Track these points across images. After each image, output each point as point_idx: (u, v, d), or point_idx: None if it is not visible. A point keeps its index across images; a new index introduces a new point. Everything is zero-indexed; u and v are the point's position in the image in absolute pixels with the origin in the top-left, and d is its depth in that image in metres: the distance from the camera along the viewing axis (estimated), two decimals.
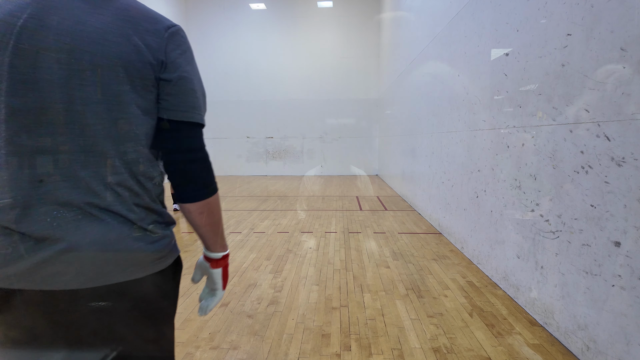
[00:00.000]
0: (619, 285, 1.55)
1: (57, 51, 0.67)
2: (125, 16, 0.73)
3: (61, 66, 0.67)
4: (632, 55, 1.48)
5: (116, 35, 0.71)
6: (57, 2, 0.69)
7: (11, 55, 0.66)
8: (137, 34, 0.73)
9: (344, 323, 2.19)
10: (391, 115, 8.53)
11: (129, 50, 0.71)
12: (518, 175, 2.41)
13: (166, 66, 0.76)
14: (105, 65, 0.69)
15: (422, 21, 5.43)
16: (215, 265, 0.91)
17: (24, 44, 0.66)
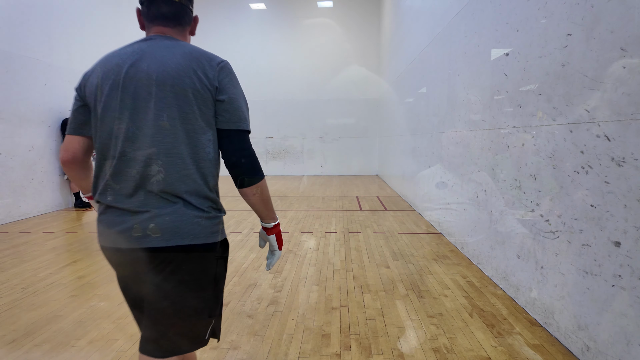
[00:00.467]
0: (619, 286, 1.55)
1: (148, 85, 1.00)
2: (190, 57, 1.05)
3: (151, 96, 1.00)
4: (632, 55, 1.48)
5: (185, 70, 1.02)
6: (147, 52, 1.03)
7: (121, 92, 1.01)
8: (199, 68, 1.04)
9: (344, 323, 2.19)
10: (391, 115, 8.53)
11: (194, 81, 1.02)
12: (518, 175, 2.41)
13: (219, 90, 1.06)
14: (179, 92, 1.01)
15: (422, 21, 5.43)
16: (270, 232, 1.23)
17: (127, 83, 1.00)
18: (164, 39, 1.09)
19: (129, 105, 1.00)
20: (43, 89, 5.63)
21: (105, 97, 1.02)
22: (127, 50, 1.05)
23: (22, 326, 2.16)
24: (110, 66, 1.03)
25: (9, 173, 5.03)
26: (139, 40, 1.08)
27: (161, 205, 1.02)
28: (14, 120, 5.12)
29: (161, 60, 1.02)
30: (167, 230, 1.01)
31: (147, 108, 1.00)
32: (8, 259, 3.40)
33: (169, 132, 1.01)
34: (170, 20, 1.13)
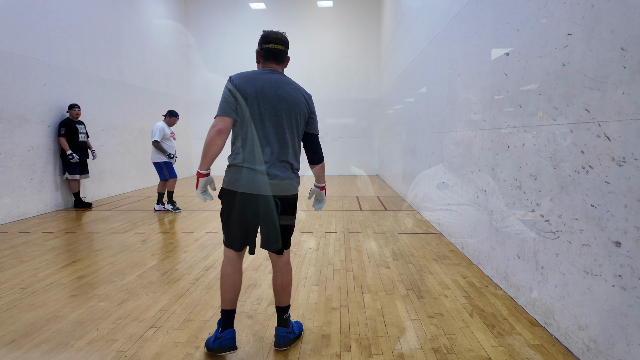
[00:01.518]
0: (619, 286, 1.55)
1: (280, 105, 1.77)
2: (298, 89, 1.86)
3: (282, 111, 1.78)
4: (632, 55, 1.48)
5: (297, 97, 1.83)
6: (278, 83, 1.79)
7: (269, 106, 1.76)
8: (303, 97, 1.87)
9: (344, 323, 2.18)
10: (391, 115, 8.52)
11: (301, 104, 1.84)
12: (518, 175, 2.41)
13: (310, 111, 1.90)
14: (295, 110, 1.81)
15: (422, 21, 5.42)
16: (322, 189, 2.08)
17: (270, 102, 1.76)
18: (281, 74, 1.86)
19: (271, 115, 1.76)
20: (43, 89, 5.63)
21: (250, 104, 1.74)
22: (265, 77, 1.78)
23: (22, 326, 2.16)
24: (256, 84, 1.75)
25: (9, 173, 5.02)
26: (267, 71, 1.82)
27: (281, 170, 1.81)
28: (14, 120, 5.11)
29: (285, 89, 1.80)
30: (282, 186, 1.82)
31: (280, 118, 1.77)
32: (7, 259, 3.40)
33: (286, 132, 1.80)
34: (279, 60, 1.89)
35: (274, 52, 1.82)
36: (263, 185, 1.73)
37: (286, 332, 1.91)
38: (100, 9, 7.22)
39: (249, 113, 1.72)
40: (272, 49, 1.82)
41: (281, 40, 1.83)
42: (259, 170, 1.73)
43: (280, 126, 1.75)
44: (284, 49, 1.85)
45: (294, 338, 1.95)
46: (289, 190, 1.81)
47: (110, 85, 7.42)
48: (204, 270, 3.08)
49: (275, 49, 1.82)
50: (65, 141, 5.73)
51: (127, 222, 4.94)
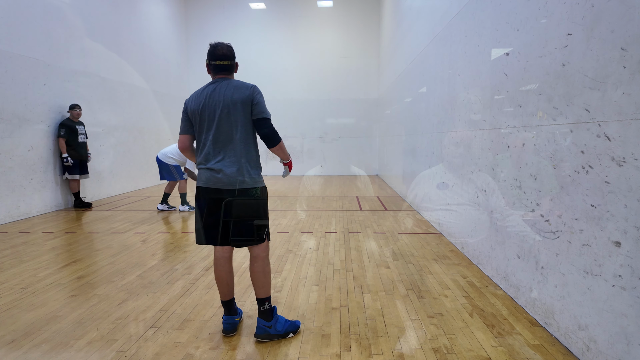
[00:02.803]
0: (619, 286, 1.55)
1: (218, 108, 1.94)
2: (236, 86, 1.96)
3: (222, 113, 1.93)
4: (632, 55, 1.48)
5: (233, 94, 1.93)
6: (215, 90, 1.96)
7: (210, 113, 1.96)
8: (240, 90, 1.95)
9: (344, 323, 2.18)
10: (391, 115, 8.52)
11: (238, 98, 1.93)
12: (518, 175, 2.41)
13: (251, 99, 1.96)
14: (232, 106, 1.93)
15: (422, 21, 5.42)
16: (285, 165, 2.24)
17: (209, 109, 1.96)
18: (223, 80, 1.98)
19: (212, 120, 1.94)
20: (42, 89, 5.63)
21: (199, 117, 1.97)
22: (206, 90, 1.97)
23: (22, 326, 2.16)
24: (199, 100, 1.97)
25: (9, 173, 5.02)
26: (211, 82, 2.00)
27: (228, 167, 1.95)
28: (14, 120, 5.11)
29: (225, 94, 1.93)
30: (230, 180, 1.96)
31: (221, 120, 1.93)
32: (7, 259, 3.40)
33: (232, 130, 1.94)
34: (225, 72, 2.03)
35: (220, 67, 2.00)
36: (213, 179, 1.94)
37: (265, 324, 2.00)
38: (100, 9, 7.21)
39: (198, 124, 1.98)
40: (219, 65, 2.00)
41: (225, 55, 1.99)
42: (209, 168, 1.95)
43: (222, 127, 1.92)
44: (230, 62, 2.01)
45: (274, 334, 2.01)
46: (237, 184, 1.93)
47: (110, 85, 7.42)
48: (204, 270, 3.08)
49: (221, 65, 2.00)
50: (64, 142, 5.72)
51: (127, 222, 4.94)
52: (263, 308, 2.02)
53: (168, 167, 5.57)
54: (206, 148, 1.96)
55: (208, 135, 1.95)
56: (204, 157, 1.98)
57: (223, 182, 1.93)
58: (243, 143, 1.95)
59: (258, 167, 2.03)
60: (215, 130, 1.93)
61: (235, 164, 1.93)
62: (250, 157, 1.98)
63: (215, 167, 1.93)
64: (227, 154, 1.93)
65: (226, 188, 1.94)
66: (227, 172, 1.92)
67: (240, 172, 1.93)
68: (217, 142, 1.94)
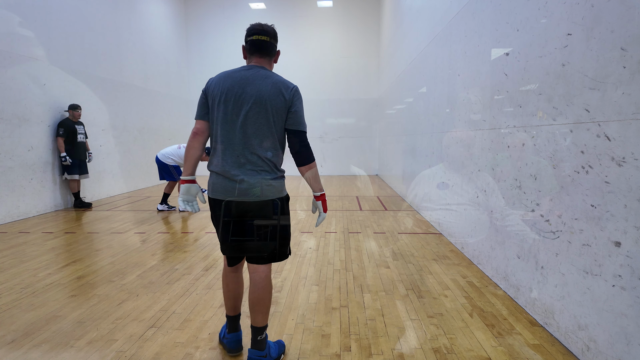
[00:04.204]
0: (619, 286, 1.55)
1: (248, 103, 1.62)
2: (275, 82, 1.66)
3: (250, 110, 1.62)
4: (632, 55, 1.48)
5: (269, 91, 1.64)
6: (249, 80, 1.64)
7: (236, 106, 1.63)
8: (280, 90, 1.66)
9: (343, 323, 2.18)
10: (391, 115, 8.52)
11: (274, 98, 1.64)
12: (518, 175, 2.41)
13: (289, 104, 1.68)
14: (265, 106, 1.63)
15: (422, 21, 5.42)
16: (318, 199, 1.87)
17: (237, 101, 1.63)
18: (259, 69, 1.69)
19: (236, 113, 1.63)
20: (42, 89, 5.63)
21: (221, 105, 1.64)
22: (238, 74, 1.66)
23: (22, 326, 2.16)
24: (226, 84, 1.64)
25: (8, 173, 5.02)
26: (245, 68, 1.70)
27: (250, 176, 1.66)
28: (14, 120, 5.11)
29: (258, 87, 1.63)
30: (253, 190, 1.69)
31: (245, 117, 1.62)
32: (7, 259, 3.40)
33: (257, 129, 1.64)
34: (264, 53, 1.74)
35: (257, 44, 1.71)
36: (229, 189, 1.63)
37: (259, 355, 1.71)
38: (100, 9, 7.21)
39: (216, 115, 1.65)
40: (256, 41, 1.70)
41: (265, 31, 1.71)
42: (225, 174, 1.64)
43: (248, 126, 1.62)
44: (269, 40, 1.72)
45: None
46: (259, 195, 1.65)
47: (110, 85, 7.42)
48: (204, 270, 3.08)
49: (258, 41, 1.70)
50: (63, 142, 5.72)
51: (127, 222, 4.94)
52: (260, 337, 1.72)
53: (167, 167, 5.58)
54: (223, 147, 1.65)
55: (228, 132, 1.63)
56: (219, 158, 1.66)
57: (243, 192, 1.63)
58: (269, 151, 1.66)
59: (282, 175, 1.78)
60: (243, 129, 1.62)
61: (258, 172, 1.65)
62: (274, 164, 1.71)
63: (236, 176, 1.62)
64: (249, 159, 1.63)
65: (247, 200, 1.65)
66: (249, 180, 1.62)
67: (260, 181, 1.65)
68: (238, 143, 1.62)
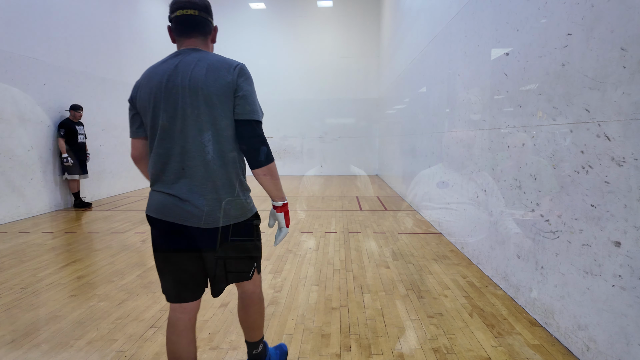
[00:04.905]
0: (619, 286, 1.55)
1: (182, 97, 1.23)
2: (212, 64, 1.25)
3: (186, 105, 1.23)
4: (632, 55, 1.48)
5: (206, 77, 1.23)
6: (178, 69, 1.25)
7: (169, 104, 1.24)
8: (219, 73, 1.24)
9: (343, 323, 2.18)
10: (391, 115, 8.52)
11: (213, 83, 1.23)
12: (518, 175, 2.41)
13: (237, 89, 1.25)
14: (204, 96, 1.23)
15: (422, 21, 5.42)
16: (278, 211, 1.43)
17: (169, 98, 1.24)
18: (191, 52, 1.30)
19: (170, 115, 1.24)
20: (42, 89, 5.63)
21: (152, 110, 1.27)
22: (163, 66, 1.28)
23: (21, 326, 2.16)
24: (153, 83, 1.27)
25: (8, 173, 5.02)
26: (172, 55, 1.31)
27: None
28: (14, 120, 5.11)
29: (191, 75, 1.23)
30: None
31: (184, 115, 1.24)
32: (7, 259, 3.40)
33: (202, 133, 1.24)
34: (193, 33, 1.33)
35: (184, 21, 1.30)
36: (176, 211, 1.26)
37: None
38: (100, 9, 7.21)
39: (150, 125, 1.29)
40: (181, 17, 1.30)
41: (192, 2, 1.30)
42: (169, 193, 1.27)
43: (188, 129, 1.23)
44: (199, 13, 1.31)
45: None
46: (209, 220, 1.26)
47: (110, 85, 7.42)
48: None
49: (184, 17, 1.30)
50: (64, 143, 5.72)
51: (127, 222, 4.94)
52: (256, 351, 1.59)
53: None
54: (161, 160, 1.27)
55: (166, 142, 1.25)
56: (159, 173, 1.28)
57: (194, 216, 1.25)
58: (221, 156, 1.26)
59: (245, 188, 1.35)
60: (180, 135, 1.23)
61: (209, 190, 1.25)
62: (231, 177, 1.29)
63: (179, 194, 1.25)
64: (196, 172, 1.24)
65: (200, 227, 1.26)
66: (198, 202, 1.24)
67: (218, 201, 1.26)
68: (179, 152, 1.24)
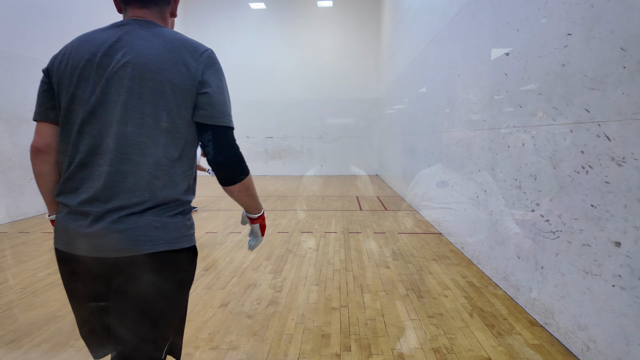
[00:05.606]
0: (619, 286, 1.55)
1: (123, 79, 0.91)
2: (171, 47, 0.94)
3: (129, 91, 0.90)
4: (632, 55, 1.48)
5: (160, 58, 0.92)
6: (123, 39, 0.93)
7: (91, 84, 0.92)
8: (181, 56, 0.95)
9: (343, 323, 2.18)
10: (391, 115, 8.52)
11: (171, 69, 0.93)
12: (518, 175, 2.41)
13: (202, 84, 0.96)
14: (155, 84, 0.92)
15: (421, 21, 5.42)
16: (254, 222, 1.25)
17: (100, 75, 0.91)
18: (142, 24, 0.97)
19: (99, 100, 0.91)
20: None
21: (73, 89, 0.93)
22: (101, 35, 0.94)
23: (21, 326, 2.16)
24: (82, 53, 0.93)
25: (8, 173, 5.02)
26: (115, 25, 0.97)
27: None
28: (14, 120, 5.11)
29: (138, 51, 0.91)
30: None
31: (117, 104, 0.90)
32: (7, 259, 3.40)
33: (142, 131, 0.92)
34: (146, 2, 1.01)
35: None
36: (91, 242, 0.92)
37: None
38: (100, 9, 7.21)
39: (66, 109, 0.95)
40: None
41: None
42: (79, 211, 0.92)
43: (124, 122, 0.90)
44: None
45: None
46: (140, 247, 0.92)
47: None
48: (204, 270, 3.08)
49: None
50: None
51: None
52: None
53: None
54: (80, 164, 0.93)
55: (89, 137, 0.92)
56: (70, 181, 0.95)
57: (114, 245, 0.91)
58: (165, 165, 0.95)
59: (186, 210, 1.05)
60: (105, 127, 0.91)
61: (140, 206, 0.92)
62: (174, 191, 0.97)
63: (99, 213, 0.90)
64: (125, 183, 0.91)
65: (119, 256, 0.92)
66: (121, 225, 0.90)
67: (148, 226, 0.93)
68: (109, 155, 0.91)
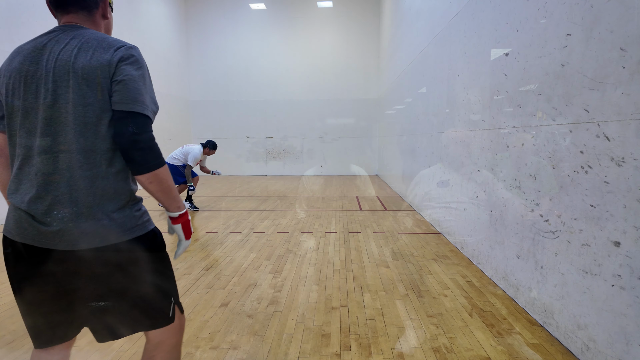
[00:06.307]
0: (618, 285, 1.55)
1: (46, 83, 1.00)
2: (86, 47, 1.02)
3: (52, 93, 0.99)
4: (632, 55, 1.48)
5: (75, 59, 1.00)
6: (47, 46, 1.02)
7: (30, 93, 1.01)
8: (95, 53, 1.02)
9: (343, 323, 2.19)
10: (391, 115, 8.53)
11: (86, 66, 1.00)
12: (518, 175, 2.41)
13: (115, 73, 1.02)
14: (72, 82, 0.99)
15: (421, 21, 5.43)
16: (175, 222, 1.15)
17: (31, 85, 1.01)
18: (66, 29, 1.05)
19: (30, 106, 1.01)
20: None
21: (11, 98, 1.03)
22: (30, 45, 1.05)
23: (22, 326, 2.16)
24: (14, 64, 1.04)
25: None
26: (44, 33, 1.07)
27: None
28: None
29: (57, 55, 1.00)
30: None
31: (44, 106, 0.99)
32: None
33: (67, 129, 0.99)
34: (72, 6, 1.08)
35: None
36: (34, 232, 1.00)
37: None
38: None
39: (6, 115, 1.05)
40: None
41: None
42: (25, 211, 1.00)
43: (54, 122, 0.99)
44: None
45: None
46: (87, 240, 0.99)
47: None
48: (204, 270, 3.08)
49: None
50: None
51: None
52: None
53: (176, 168, 5.57)
54: (19, 164, 1.03)
55: (24, 139, 1.02)
56: (16, 179, 1.03)
57: (57, 237, 0.98)
58: (99, 160, 1.01)
59: (130, 198, 1.08)
60: (43, 130, 0.99)
61: (76, 201, 0.98)
62: (107, 183, 1.02)
63: (37, 210, 0.98)
64: (61, 180, 0.98)
65: (68, 249, 0.99)
66: (61, 215, 0.98)
67: (88, 216, 0.99)
68: (44, 154, 0.99)
